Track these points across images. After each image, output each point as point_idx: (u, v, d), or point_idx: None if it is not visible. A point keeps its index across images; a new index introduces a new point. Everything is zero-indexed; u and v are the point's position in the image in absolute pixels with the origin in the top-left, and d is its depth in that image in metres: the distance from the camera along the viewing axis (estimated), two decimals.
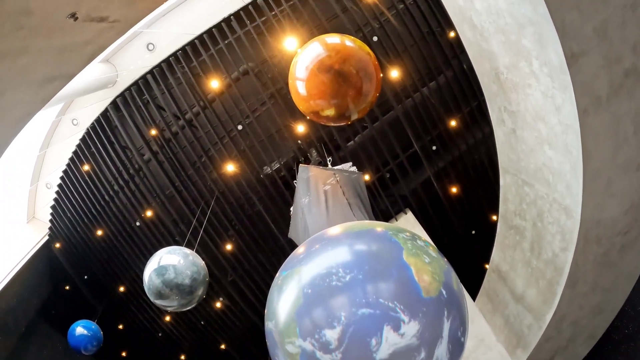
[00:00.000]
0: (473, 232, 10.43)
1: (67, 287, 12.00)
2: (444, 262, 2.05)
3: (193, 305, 6.01)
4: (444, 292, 1.89)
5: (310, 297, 1.89)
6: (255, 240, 9.03)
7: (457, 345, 1.91)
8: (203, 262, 6.13)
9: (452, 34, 8.07)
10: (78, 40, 4.05)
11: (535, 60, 3.74)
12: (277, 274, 2.24)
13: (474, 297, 8.25)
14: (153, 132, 8.70)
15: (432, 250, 2.08)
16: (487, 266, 7.74)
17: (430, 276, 1.89)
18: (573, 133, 3.82)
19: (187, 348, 11.89)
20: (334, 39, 4.03)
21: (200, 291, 5.86)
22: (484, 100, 5.54)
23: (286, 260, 2.30)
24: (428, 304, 1.81)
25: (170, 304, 5.76)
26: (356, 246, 2.08)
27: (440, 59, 8.49)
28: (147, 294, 5.74)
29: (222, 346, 11.37)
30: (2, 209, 11.16)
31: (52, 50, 3.89)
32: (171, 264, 5.63)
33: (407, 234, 2.14)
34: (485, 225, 9.66)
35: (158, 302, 5.74)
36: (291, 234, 7.84)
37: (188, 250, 6.07)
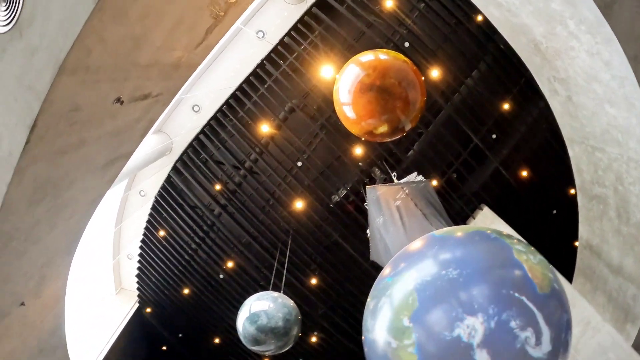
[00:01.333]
0: (554, 211, 10.02)
1: (164, 348, 12.50)
2: (546, 261, 2.07)
3: (290, 346, 6.04)
4: (555, 288, 1.93)
5: (427, 297, 1.91)
6: (339, 270, 9.09)
7: (566, 339, 1.92)
8: (292, 302, 6.17)
9: (479, 18, 7.92)
10: (129, 120, 4.29)
11: (570, 21, 3.59)
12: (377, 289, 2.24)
13: (570, 279, 7.88)
14: (217, 187, 9.03)
15: (532, 249, 2.09)
16: (576, 244, 7.41)
17: (541, 273, 1.93)
18: (630, 84, 3.61)
19: None
20: (367, 56, 4.05)
21: (294, 331, 5.89)
22: (530, 76, 5.39)
23: (376, 282, 2.33)
24: (543, 300, 1.84)
25: (268, 348, 5.83)
26: (467, 246, 2.10)
27: (475, 46, 8.36)
28: (244, 342, 5.83)
29: None
30: (91, 285, 11.79)
31: (107, 135, 4.14)
32: (262, 310, 5.72)
33: (505, 233, 2.17)
34: (565, 201, 9.24)
35: (255, 348, 5.82)
36: (373, 257, 7.83)
37: (276, 294, 6.17)
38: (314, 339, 10.30)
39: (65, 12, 2.61)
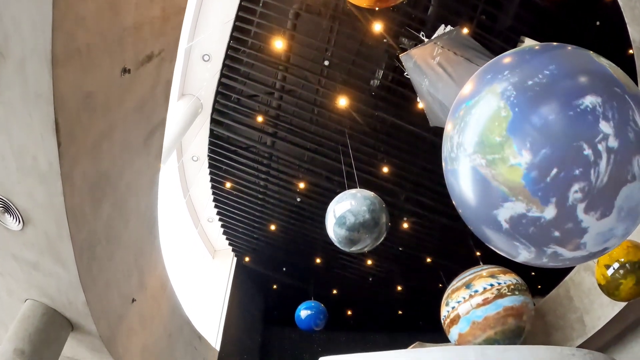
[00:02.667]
0: (597, 23, 9.22)
1: (275, 287, 13.38)
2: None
3: (384, 235, 6.04)
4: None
5: (522, 103, 1.81)
6: (405, 150, 9.03)
7: None
8: (371, 192, 6.14)
9: None
10: (145, 89, 4.22)
11: None
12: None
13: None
14: (259, 119, 9.05)
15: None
16: (631, 51, 6.83)
17: (623, 75, 1.86)
18: None
19: (398, 278, 12.58)
20: None
21: (383, 219, 5.89)
22: None
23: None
24: (633, 98, 1.78)
25: (365, 244, 5.89)
26: (545, 52, 1.99)
27: None
28: (341, 247, 5.95)
29: (428, 260, 11.80)
30: (189, 262, 12.46)
31: (131, 111, 4.11)
32: (346, 210, 5.74)
33: None
34: (605, 9, 8.46)
35: (353, 249, 5.91)
36: (433, 122, 7.69)
37: (353, 190, 6.16)
38: (405, 225, 10.55)
39: (30, 11, 2.54)
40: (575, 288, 9.33)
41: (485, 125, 1.91)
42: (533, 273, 9.55)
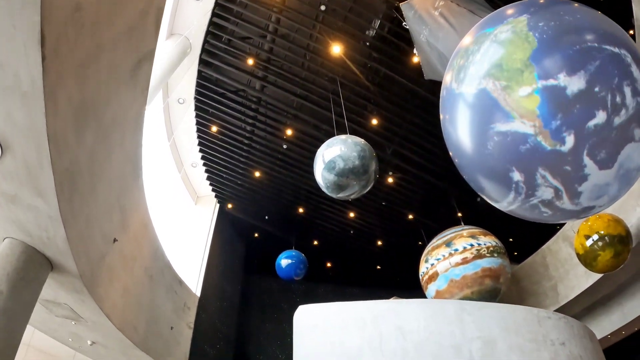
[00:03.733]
0: None
1: (257, 235, 13.57)
2: None
3: (372, 184, 6.07)
4: None
5: (548, 39, 1.83)
6: (396, 103, 9.01)
7: None
8: (362, 140, 6.11)
9: None
10: (136, 13, 4.11)
11: None
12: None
13: None
14: (250, 61, 8.88)
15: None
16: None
17: None
18: None
19: (379, 232, 12.86)
20: None
21: (373, 166, 5.87)
22: None
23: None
24: None
25: (352, 191, 5.91)
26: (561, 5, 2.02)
27: None
28: (327, 193, 5.97)
29: (410, 217, 12.06)
30: (170, 206, 12.40)
31: (121, 36, 4.02)
32: (336, 155, 5.70)
33: None
34: None
35: (340, 195, 5.93)
36: (428, 75, 7.65)
37: (344, 136, 6.09)
38: (390, 180, 10.69)
39: None
40: (552, 256, 9.67)
41: (507, 51, 1.92)
42: (511, 239, 9.86)
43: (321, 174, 5.82)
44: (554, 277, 9.50)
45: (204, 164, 11.45)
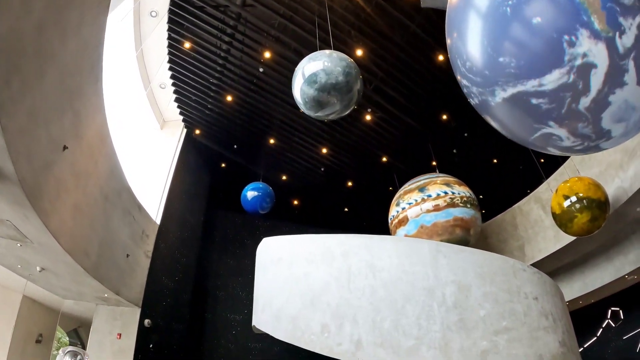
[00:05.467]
0: None
1: (223, 165, 13.23)
2: None
3: (354, 106, 5.64)
4: None
5: None
6: (384, 35, 8.57)
7: None
8: (348, 57, 5.58)
9: None
10: None
11: None
12: None
13: None
14: None
15: None
16: None
17: None
18: None
19: (350, 172, 12.77)
20: None
21: (358, 85, 5.42)
22: None
23: None
24: None
25: (332, 110, 5.47)
26: None
27: None
28: (305, 110, 5.56)
29: (384, 159, 11.95)
30: (134, 128, 11.75)
31: None
32: (318, 69, 5.22)
33: None
34: None
35: (319, 113, 5.51)
36: (426, 2, 7.27)
37: (328, 51, 5.59)
38: (368, 117, 10.44)
39: None
40: (522, 217, 9.84)
41: None
42: (481, 196, 9.94)
43: (300, 89, 5.36)
44: (522, 237, 9.73)
45: (173, 84, 10.80)
